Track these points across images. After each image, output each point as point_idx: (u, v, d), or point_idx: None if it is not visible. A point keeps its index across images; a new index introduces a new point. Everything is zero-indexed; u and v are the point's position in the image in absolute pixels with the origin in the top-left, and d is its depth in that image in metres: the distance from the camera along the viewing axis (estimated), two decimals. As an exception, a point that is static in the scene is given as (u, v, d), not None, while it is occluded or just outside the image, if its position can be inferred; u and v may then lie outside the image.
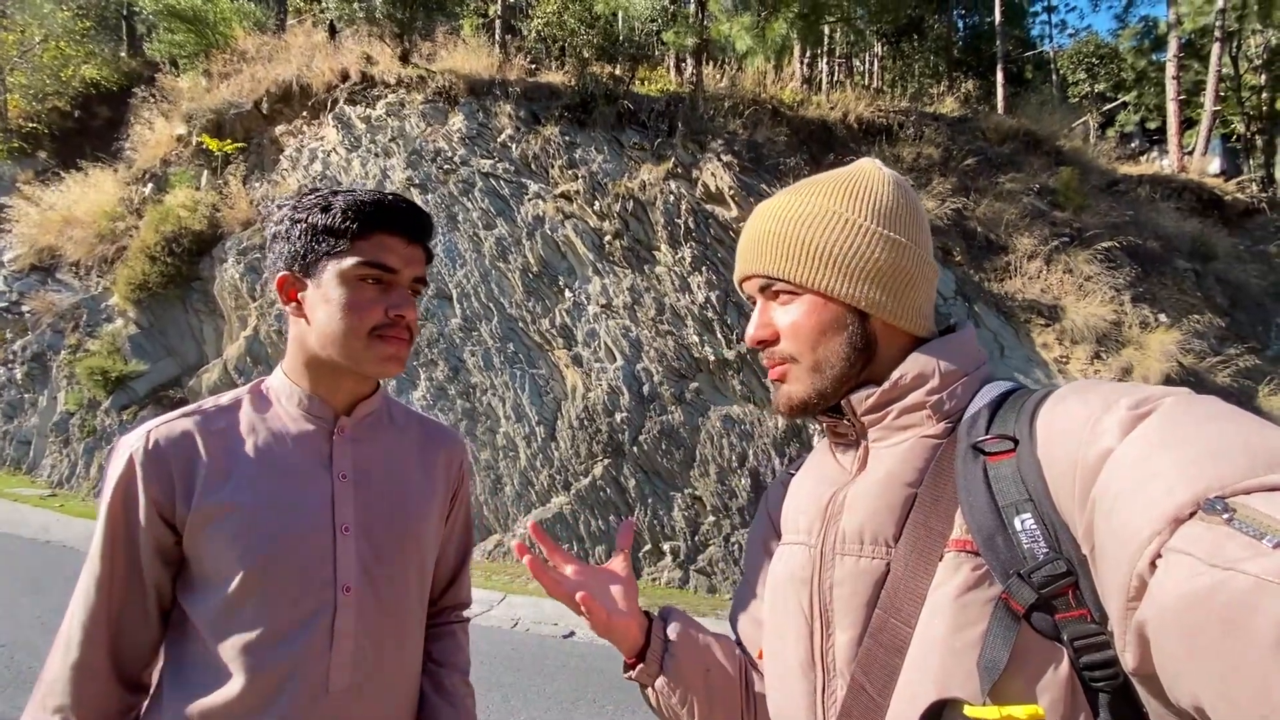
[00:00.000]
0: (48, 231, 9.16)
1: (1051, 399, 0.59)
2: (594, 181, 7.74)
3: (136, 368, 8.07)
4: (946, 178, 8.54)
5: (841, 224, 0.70)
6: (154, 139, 9.85)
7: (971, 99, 11.65)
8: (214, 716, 0.83)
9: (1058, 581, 0.51)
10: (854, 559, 0.65)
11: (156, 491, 0.84)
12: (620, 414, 6.88)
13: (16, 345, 8.63)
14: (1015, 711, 0.50)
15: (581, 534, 6.68)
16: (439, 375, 7.32)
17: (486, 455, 7.04)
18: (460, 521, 1.12)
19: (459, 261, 7.62)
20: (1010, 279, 7.79)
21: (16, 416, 8.40)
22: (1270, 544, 0.37)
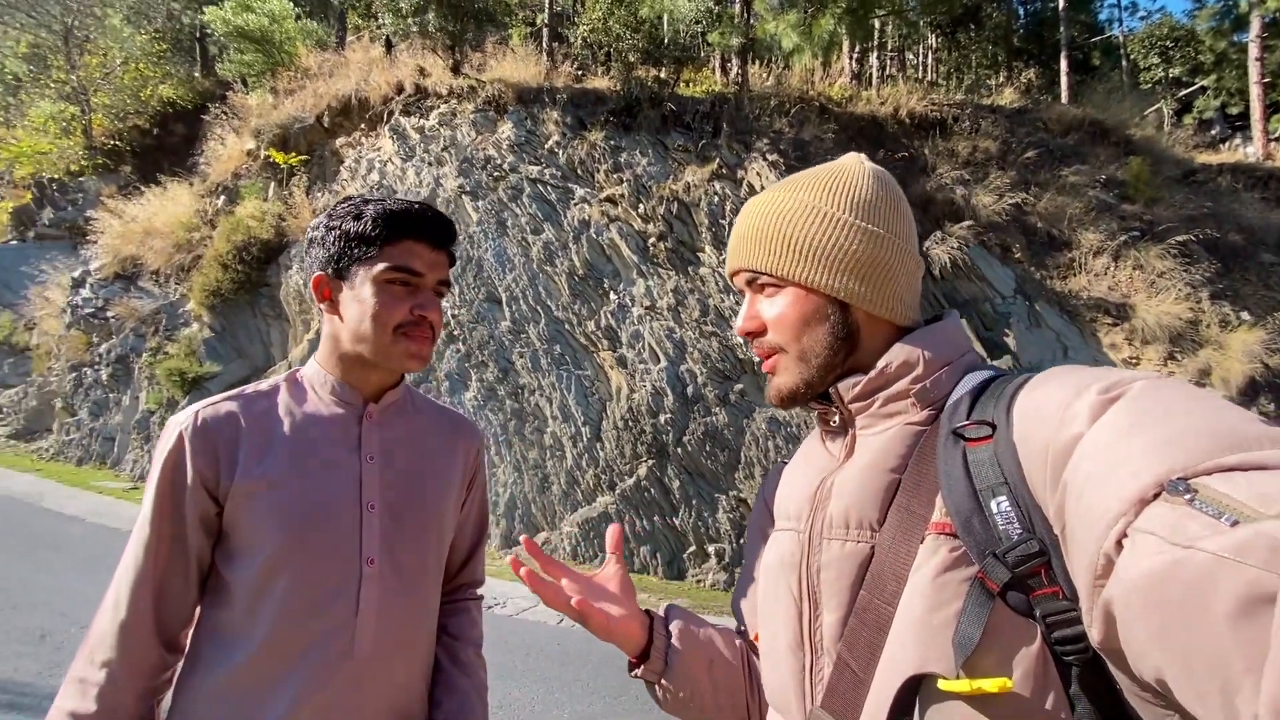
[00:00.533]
0: (130, 242, 9.83)
1: (1028, 385, 0.60)
2: (639, 184, 7.79)
3: (210, 369, 8.57)
4: (1005, 171, 8.22)
5: (820, 218, 0.73)
6: (226, 154, 10.44)
7: (1033, 89, 11.17)
8: (248, 677, 0.89)
9: (1031, 561, 0.53)
10: (840, 543, 0.67)
11: (202, 465, 0.91)
12: (664, 415, 6.90)
13: (102, 348, 9.29)
14: (986, 684, 0.52)
15: (626, 534, 6.72)
16: (489, 377, 7.50)
17: (534, 454, 7.16)
18: (476, 506, 1.19)
19: (508, 266, 7.79)
20: (1074, 276, 7.44)
21: (102, 415, 9.03)
22: (1228, 522, 0.39)
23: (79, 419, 9.15)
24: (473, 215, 8.13)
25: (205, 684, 0.90)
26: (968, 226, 7.46)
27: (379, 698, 0.95)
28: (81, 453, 8.92)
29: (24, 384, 10.14)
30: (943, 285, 7.37)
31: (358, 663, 0.92)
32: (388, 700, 0.96)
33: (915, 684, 0.56)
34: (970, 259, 7.30)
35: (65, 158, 11.85)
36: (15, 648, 3.37)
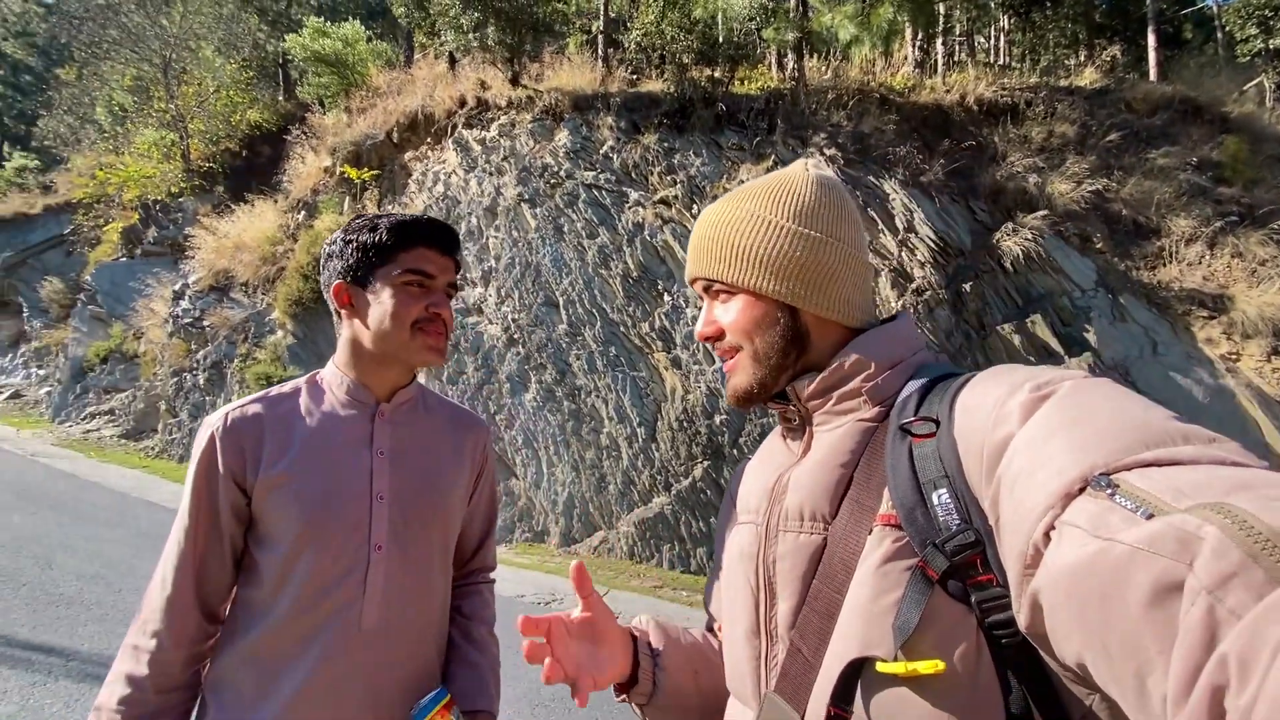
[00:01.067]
0: (222, 256, 10.63)
1: (970, 383, 0.63)
2: (692, 185, 7.78)
3: (293, 372, 9.14)
4: (1084, 157, 7.72)
5: (764, 225, 0.76)
6: (305, 171, 11.14)
7: (1116, 67, 10.43)
8: (273, 644, 1.01)
9: (967, 550, 0.56)
10: (794, 535, 0.70)
11: (231, 460, 1.03)
12: (719, 416, 6.86)
13: (200, 355, 10.09)
14: (921, 666, 0.55)
15: (682, 535, 6.72)
16: (547, 378, 7.67)
17: (591, 455, 7.27)
18: (485, 496, 1.27)
19: (564, 270, 7.94)
20: (1164, 266, 6.90)
21: (200, 415, 9.80)
22: (1144, 515, 0.41)
23: (180, 420, 9.96)
24: (531, 222, 8.34)
25: (238, 649, 1.02)
26: (1042, 216, 7.05)
27: (387, 668, 1.04)
28: (182, 451, 9.70)
29: (133, 388, 11.13)
30: (1015, 279, 7.00)
31: (365, 636, 1.02)
32: (396, 671, 1.05)
33: (858, 667, 0.59)
34: (1046, 251, 6.90)
35: (167, 180, 12.95)
36: (117, 628, 3.71)
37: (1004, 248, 6.99)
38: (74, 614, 3.83)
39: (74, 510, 6.25)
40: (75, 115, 18.50)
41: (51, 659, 3.27)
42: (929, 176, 7.37)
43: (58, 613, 3.81)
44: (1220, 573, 0.36)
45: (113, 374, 11.62)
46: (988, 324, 6.80)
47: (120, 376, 11.53)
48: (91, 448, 9.91)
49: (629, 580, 6.28)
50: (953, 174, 7.52)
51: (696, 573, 6.60)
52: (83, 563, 4.71)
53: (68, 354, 12.44)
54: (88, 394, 11.68)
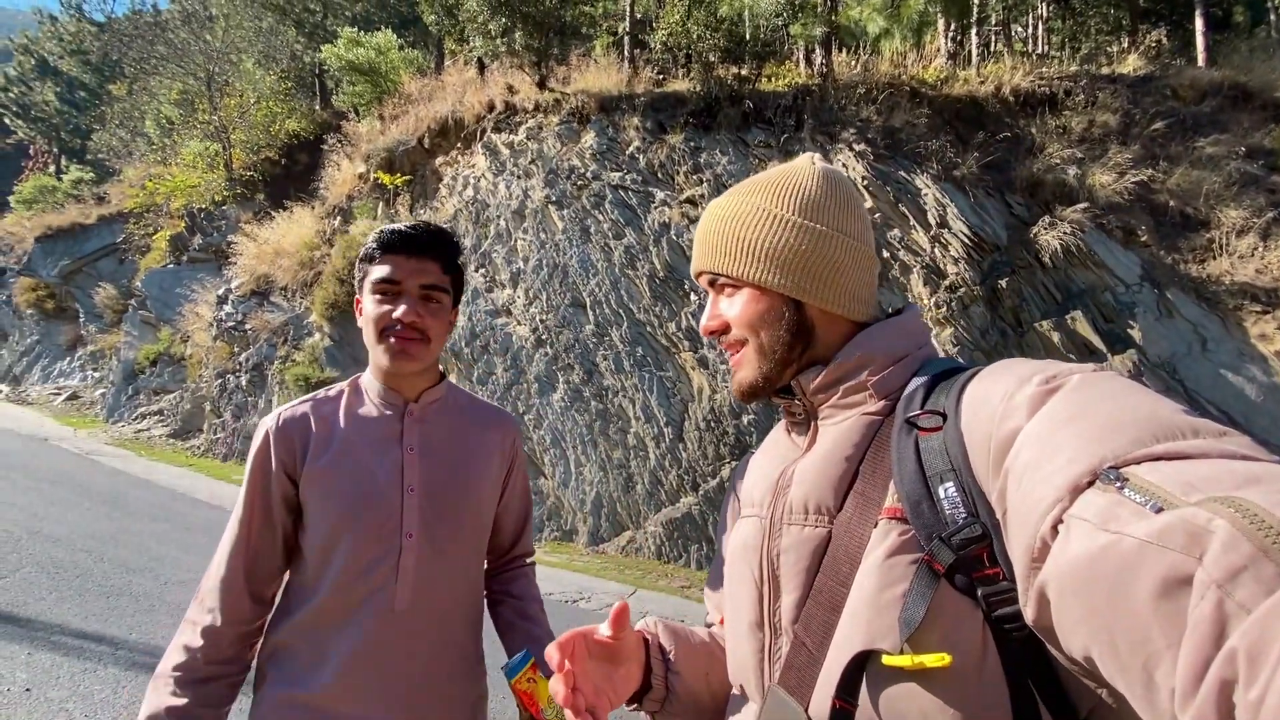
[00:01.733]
0: (263, 262, 10.98)
1: (977, 377, 0.63)
2: (718, 184, 7.75)
3: (330, 374, 9.39)
4: (1126, 146, 7.44)
5: (769, 219, 0.77)
6: (341, 178, 11.43)
7: (1162, 53, 10.03)
8: (315, 623, 1.11)
9: (974, 544, 0.56)
10: (799, 528, 0.70)
11: (283, 454, 1.14)
12: (747, 416, 6.81)
13: (242, 357, 10.43)
14: (927, 659, 0.55)
15: (710, 535, 6.69)
16: (575, 379, 7.72)
17: (618, 454, 7.29)
18: (519, 487, 1.35)
19: (591, 271, 7.99)
20: (1214, 259, 6.61)
21: (242, 416, 10.14)
22: (1153, 509, 0.41)
23: (223, 420, 10.32)
24: (558, 224, 8.41)
25: (290, 626, 1.13)
26: (1082, 209, 6.82)
27: (421, 646, 1.13)
28: (226, 450, 10.05)
29: (180, 389, 11.57)
30: (1054, 274, 6.78)
31: (399, 616, 1.11)
32: (429, 648, 1.14)
33: (863, 660, 0.59)
34: (1086, 245, 6.67)
35: (211, 189, 13.44)
36: (163, 619, 3.87)
37: (1042, 242, 6.78)
38: (122, 605, 4.00)
39: (124, 506, 6.53)
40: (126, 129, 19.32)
41: (101, 647, 3.42)
42: (962, 170, 7.19)
43: (107, 603, 3.99)
44: (1230, 566, 0.36)
45: (161, 376, 12.11)
46: (1025, 321, 6.61)
47: (168, 378, 12.00)
48: (142, 446, 10.33)
49: (656, 580, 6.27)
50: (987, 167, 7.32)
51: (724, 573, 6.57)
52: (131, 556, 4.91)
53: (120, 357, 13.00)
54: (138, 395, 12.19)
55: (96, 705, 2.90)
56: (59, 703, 2.88)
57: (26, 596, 3.92)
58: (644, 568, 6.61)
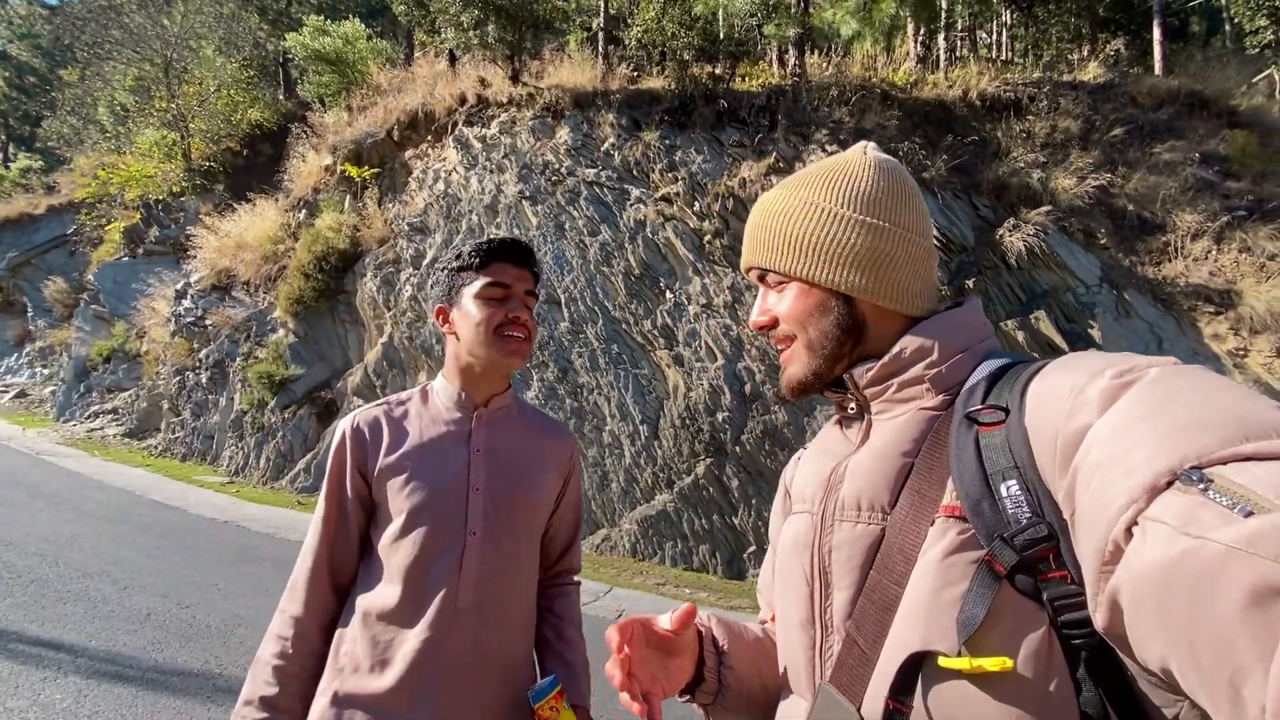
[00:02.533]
0: (224, 256, 10.64)
1: (1043, 370, 0.60)
2: (694, 182, 7.76)
3: (295, 372, 9.16)
4: (1087, 151, 7.68)
5: (819, 214, 0.75)
6: (306, 170, 11.13)
7: (1121, 61, 10.37)
8: (382, 613, 1.15)
9: (1039, 545, 0.53)
10: (851, 524, 0.69)
11: (358, 455, 1.22)
12: (722, 413, 6.85)
13: (202, 354, 10.10)
14: (986, 663, 0.53)
15: (685, 532, 6.72)
16: (549, 376, 7.67)
17: (593, 453, 7.27)
18: (572, 502, 1.40)
19: (566, 268, 7.94)
20: (1169, 262, 6.87)
21: (202, 415, 9.82)
22: (1241, 513, 0.38)
23: (183, 418, 9.98)
24: (532, 220, 8.33)
25: (356, 619, 1.18)
26: (1045, 212, 7.02)
27: (477, 642, 1.17)
28: (185, 449, 9.73)
29: (136, 387, 11.16)
30: (1019, 275, 6.97)
31: (462, 612, 1.16)
32: (491, 650, 1.19)
33: (918, 661, 0.57)
34: (1049, 246, 6.87)
35: (168, 180, 12.96)
36: (123, 625, 3.73)
37: (1007, 244, 6.96)
38: (81, 610, 3.84)
39: (79, 508, 6.27)
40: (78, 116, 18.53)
41: (60, 655, 3.28)
42: (931, 173, 7.33)
43: (65, 609, 3.83)
44: None
45: (115, 373, 11.66)
46: (991, 320, 6.77)
47: (123, 376, 11.56)
48: (95, 446, 9.94)
49: (631, 578, 6.27)
50: (955, 170, 7.48)
51: (699, 570, 6.60)
52: (89, 560, 4.72)
53: (71, 353, 12.48)
54: (91, 393, 11.72)
55: (58, 714, 2.78)
56: (19, 713, 2.76)
57: (-26, 605, 3.74)
58: (619, 565, 6.61)
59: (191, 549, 5.47)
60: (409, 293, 8.72)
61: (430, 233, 9.11)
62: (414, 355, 8.57)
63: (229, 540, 5.97)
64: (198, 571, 4.85)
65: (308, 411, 8.97)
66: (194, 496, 7.52)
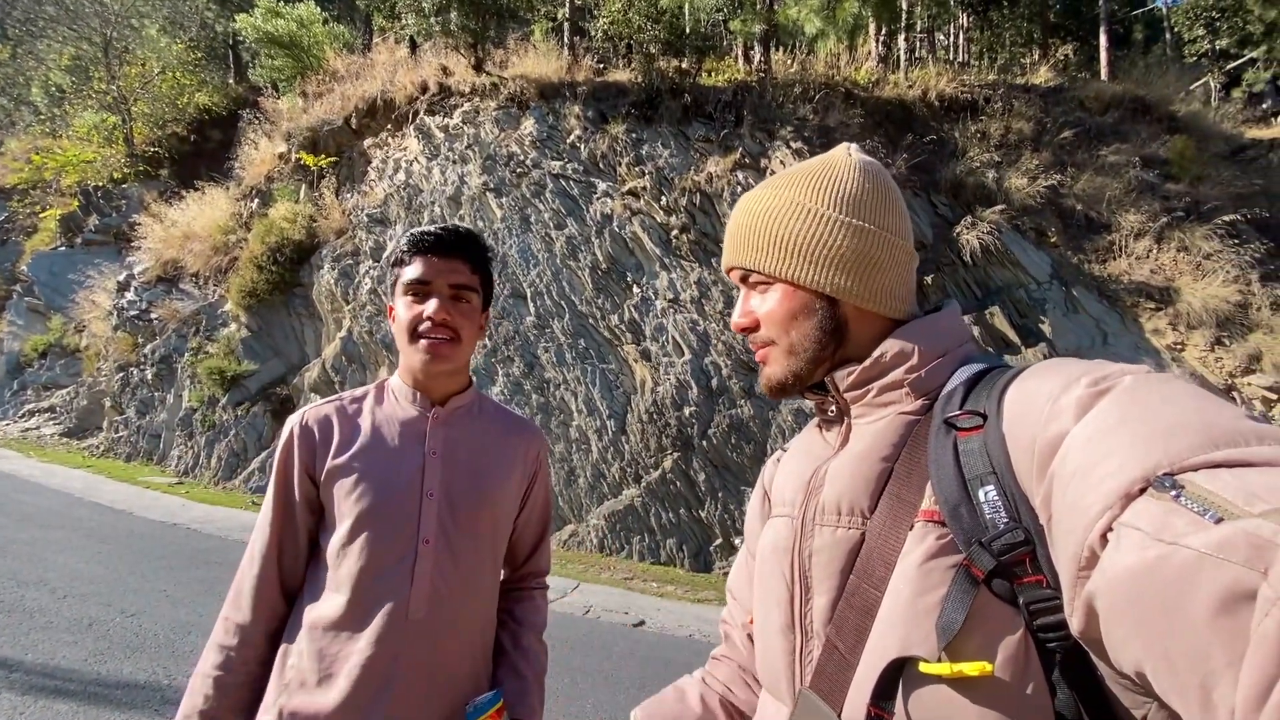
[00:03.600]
0: (171, 246, 10.17)
1: (1020, 377, 0.61)
2: (660, 177, 7.75)
3: (248, 367, 8.83)
4: (1039, 153, 7.95)
5: (805, 215, 0.74)
6: (259, 158, 10.72)
7: (1070, 66, 10.76)
8: (328, 624, 1.08)
9: (1015, 549, 0.54)
10: (831, 529, 0.69)
11: (305, 454, 1.14)
12: (689, 408, 6.87)
13: (147, 349, 9.65)
14: (966, 667, 0.53)
15: (652, 526, 6.73)
16: (515, 371, 7.57)
17: (560, 448, 7.21)
18: (539, 501, 1.32)
19: (532, 261, 7.84)
20: (1114, 260, 7.16)
21: (148, 413, 9.39)
22: (1212, 519, 0.39)
23: (127, 417, 9.53)
24: (497, 212, 8.20)
25: (301, 627, 1.11)
26: (1000, 211, 7.24)
27: (431, 656, 1.10)
28: (130, 449, 9.29)
29: (75, 384, 10.60)
30: (974, 272, 7.18)
31: (413, 624, 1.09)
32: (446, 663, 1.12)
33: (899, 666, 0.58)
34: (1003, 244, 7.09)
35: (109, 165, 12.31)
36: (63, 636, 3.53)
37: (963, 241, 7.15)
38: (15, 622, 3.62)
39: (14, 512, 5.92)
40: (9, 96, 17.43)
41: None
42: (892, 171, 7.48)
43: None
44: None
45: (52, 369, 11.05)
46: (949, 315, 6.96)
47: (61, 372, 10.97)
48: (31, 447, 9.41)
49: (599, 573, 6.26)
50: (915, 168, 7.65)
51: (666, 563, 6.62)
52: (23, 567, 4.46)
53: (3, 349, 11.77)
54: (25, 390, 11.08)
55: (-14, 735, 2.62)
56: (-61, 735, 2.59)
57: (-106, 618, 3.49)
58: (586, 561, 6.58)
59: (137, 553, 5.22)
60: (369, 285, 8.49)
61: (391, 224, 8.88)
62: (374, 350, 8.35)
63: (178, 544, 5.72)
64: (144, 578, 4.63)
65: (262, 409, 8.66)
66: (140, 498, 7.19)
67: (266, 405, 8.68)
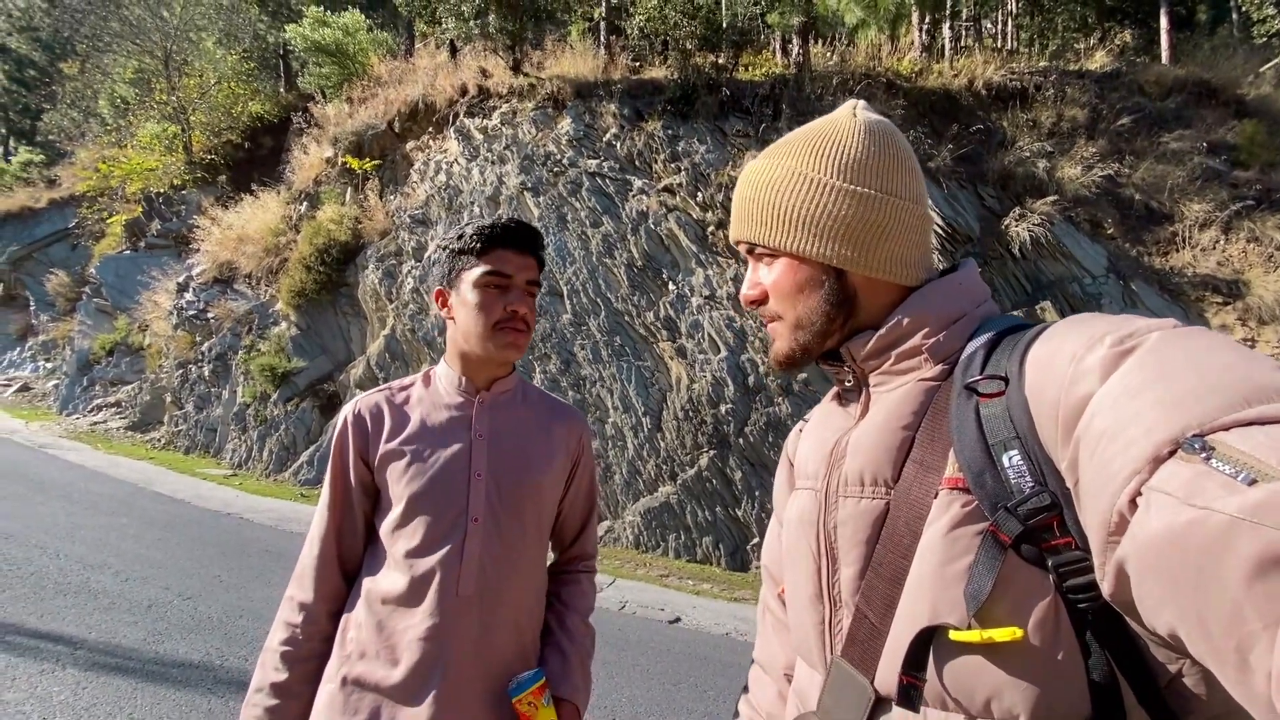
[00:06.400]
0: (226, 248, 10.61)
1: (1042, 336, 0.59)
2: (696, 173, 7.70)
3: (297, 364, 9.14)
4: (1094, 141, 7.61)
5: (805, 184, 0.72)
6: (307, 162, 11.08)
7: (1127, 51, 10.26)
8: (386, 598, 1.15)
9: (1042, 514, 0.53)
10: (855, 500, 0.68)
11: (359, 441, 1.21)
12: (725, 405, 6.81)
13: (204, 347, 10.09)
14: (996, 634, 0.53)
15: (688, 524, 6.70)
16: (552, 368, 7.64)
17: (596, 445, 7.24)
18: (584, 485, 1.36)
19: (568, 260, 7.89)
20: (1177, 252, 6.81)
21: (205, 408, 9.82)
22: (1245, 481, 0.38)
23: (185, 411, 9.98)
24: (534, 211, 8.28)
25: (364, 603, 1.17)
26: (1051, 202, 6.96)
27: (479, 632, 1.15)
28: (188, 442, 9.73)
29: (139, 380, 11.15)
30: (1024, 265, 6.91)
31: (463, 600, 1.14)
32: (486, 636, 1.16)
33: (929, 635, 0.58)
34: (1055, 236, 6.81)
35: (169, 173, 12.91)
36: (124, 616, 3.71)
37: (1012, 234, 6.90)
38: (81, 603, 3.83)
39: (82, 501, 6.26)
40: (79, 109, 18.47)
41: (59, 647, 3.27)
42: (936, 162, 7.27)
43: (65, 601, 3.82)
44: None
45: (118, 366, 11.65)
46: (996, 311, 6.73)
47: (126, 369, 11.56)
48: (99, 439, 9.95)
49: (635, 570, 6.26)
50: (960, 160, 7.42)
51: (702, 562, 6.58)
52: (89, 552, 4.71)
53: (74, 347, 12.48)
54: (94, 386, 11.72)
55: (55, 708, 2.76)
56: (15, 705, 2.75)
57: (-24, 596, 3.73)
58: (622, 557, 6.60)
59: (194, 541, 5.46)
60: (411, 285, 8.69)
61: (432, 224, 9.07)
62: (416, 347, 8.54)
63: (232, 532, 5.96)
64: (200, 563, 4.84)
65: (310, 404, 8.95)
66: (197, 489, 7.52)
67: (314, 401, 8.97)
